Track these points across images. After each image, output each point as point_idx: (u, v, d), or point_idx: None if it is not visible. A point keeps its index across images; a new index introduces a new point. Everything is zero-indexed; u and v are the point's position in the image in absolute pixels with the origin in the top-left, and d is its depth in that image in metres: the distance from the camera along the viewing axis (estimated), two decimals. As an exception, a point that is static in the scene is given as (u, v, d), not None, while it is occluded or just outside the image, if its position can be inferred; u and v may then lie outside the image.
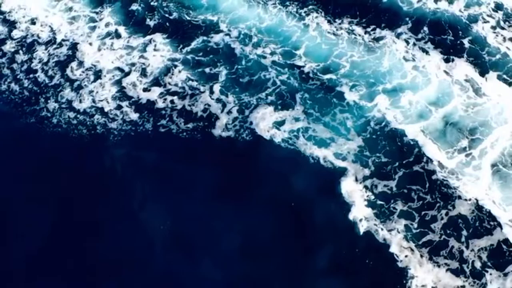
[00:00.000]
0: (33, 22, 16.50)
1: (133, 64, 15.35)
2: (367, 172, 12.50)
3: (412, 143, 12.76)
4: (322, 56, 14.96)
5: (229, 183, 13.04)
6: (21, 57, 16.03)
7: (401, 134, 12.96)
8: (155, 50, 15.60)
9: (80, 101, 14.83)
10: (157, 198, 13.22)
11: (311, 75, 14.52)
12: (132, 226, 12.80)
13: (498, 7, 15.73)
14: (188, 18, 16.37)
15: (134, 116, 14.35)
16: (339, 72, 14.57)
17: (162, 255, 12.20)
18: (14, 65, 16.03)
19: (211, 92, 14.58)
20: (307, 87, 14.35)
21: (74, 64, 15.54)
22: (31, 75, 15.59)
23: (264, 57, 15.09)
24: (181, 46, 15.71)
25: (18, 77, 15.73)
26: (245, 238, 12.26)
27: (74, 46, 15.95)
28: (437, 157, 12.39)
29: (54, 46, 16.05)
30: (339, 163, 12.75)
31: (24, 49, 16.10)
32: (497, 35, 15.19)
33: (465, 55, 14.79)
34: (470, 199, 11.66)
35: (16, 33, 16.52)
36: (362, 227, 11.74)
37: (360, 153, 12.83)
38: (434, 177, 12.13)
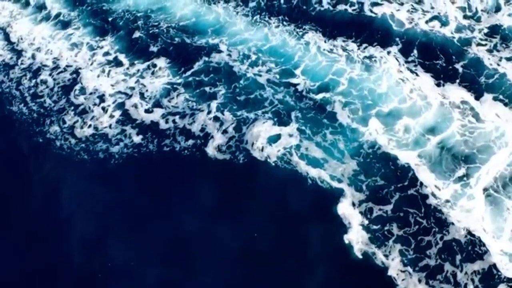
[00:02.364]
0: (38, 50, 16.76)
1: (134, 89, 15.45)
2: (362, 196, 12.21)
3: (406, 168, 12.46)
4: (320, 75, 14.80)
5: (225, 202, 12.97)
6: (28, 82, 16.21)
7: (395, 159, 12.67)
8: (156, 74, 15.70)
9: (82, 127, 14.88)
10: (156, 215, 13.30)
11: (308, 94, 14.38)
12: (133, 240, 12.95)
13: (493, 29, 15.50)
14: (190, 42, 16.40)
15: (137, 138, 14.38)
16: (336, 90, 14.35)
17: (159, 269, 12.31)
18: (22, 89, 16.21)
19: (211, 110, 14.52)
20: (303, 106, 14.18)
21: (77, 89, 15.66)
22: (38, 99, 15.75)
23: (262, 76, 15.00)
24: (182, 69, 15.77)
25: (26, 99, 15.89)
26: (240, 258, 12.15)
27: (77, 72, 16.10)
28: (432, 184, 12.08)
29: (58, 72, 16.20)
30: (335, 185, 12.51)
31: (30, 74, 16.34)
32: (492, 56, 15.43)
33: (459, 78, 14.59)
34: (463, 228, 11.39)
35: (23, 60, 16.77)
36: (359, 251, 11.41)
37: (355, 176, 12.56)
38: (429, 202, 11.76)
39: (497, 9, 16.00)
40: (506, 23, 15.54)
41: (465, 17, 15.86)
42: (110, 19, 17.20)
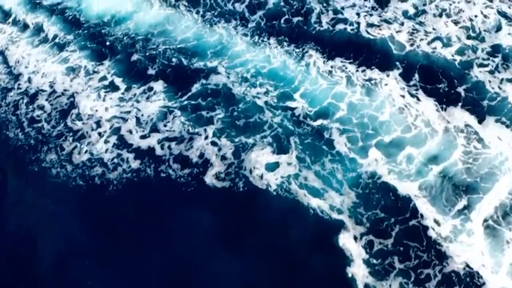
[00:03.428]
0: (35, 73, 16.59)
1: (132, 113, 15.25)
2: (363, 228, 12.02)
3: (407, 200, 12.28)
4: (319, 99, 14.64)
5: (224, 231, 12.77)
6: (24, 106, 16.09)
7: (396, 190, 12.47)
8: (153, 97, 15.50)
9: (79, 153, 14.74)
10: (154, 244, 13.16)
11: (307, 119, 14.18)
12: (128, 269, 12.77)
13: (494, 49, 15.45)
14: (189, 65, 16.22)
15: (134, 164, 14.18)
16: (336, 117, 14.16)
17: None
18: (19, 114, 16.09)
19: (208, 136, 14.34)
20: (302, 131, 14.02)
21: (74, 114, 15.51)
22: (35, 124, 15.60)
23: (261, 99, 14.81)
24: (180, 92, 15.56)
25: (23, 125, 15.75)
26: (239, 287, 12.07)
27: (74, 97, 15.94)
28: (431, 218, 11.90)
29: (55, 96, 16.07)
30: (336, 216, 12.32)
31: (27, 99, 16.19)
32: (494, 77, 15.20)
33: (462, 101, 14.42)
34: (462, 262, 11.24)
35: (20, 84, 16.63)
36: (362, 284, 11.33)
37: (355, 208, 12.38)
38: (429, 234, 11.60)
39: (498, 28, 15.90)
40: (506, 43, 15.45)
41: (468, 37, 15.72)
42: (108, 42, 17.07)
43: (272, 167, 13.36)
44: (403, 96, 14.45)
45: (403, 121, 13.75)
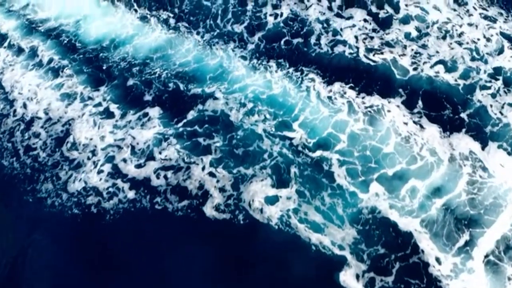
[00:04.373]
0: (30, 99, 16.32)
1: (127, 141, 14.97)
2: (364, 266, 11.78)
3: (408, 236, 12.06)
4: (320, 128, 14.37)
5: (223, 265, 12.47)
6: (20, 134, 15.85)
7: (397, 226, 12.28)
8: (149, 124, 15.21)
9: (74, 182, 14.47)
10: (152, 278, 12.85)
11: (306, 149, 13.94)
12: None
13: (496, 72, 15.27)
14: (186, 90, 15.99)
15: (129, 194, 13.93)
16: (336, 148, 13.89)
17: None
18: (15, 142, 15.85)
19: (205, 166, 14.08)
20: (302, 162, 13.77)
21: (70, 142, 15.27)
22: (30, 152, 15.36)
23: (260, 127, 14.54)
24: (176, 119, 15.27)
25: (19, 153, 15.52)
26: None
27: (69, 124, 15.68)
28: (433, 255, 11.68)
29: (51, 123, 15.80)
30: (337, 252, 12.10)
31: (23, 126, 15.93)
32: (496, 101, 15.11)
33: (465, 127, 14.18)
34: None
35: (16, 110, 16.35)
36: None
37: (355, 244, 12.13)
38: (430, 271, 11.41)
39: (500, 51, 15.68)
40: (508, 66, 15.26)
41: (472, 59, 15.44)
42: (105, 67, 16.80)
43: (271, 200, 13.14)
44: (406, 124, 14.22)
45: (408, 152, 13.55)
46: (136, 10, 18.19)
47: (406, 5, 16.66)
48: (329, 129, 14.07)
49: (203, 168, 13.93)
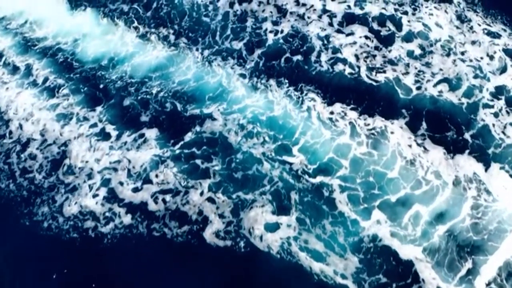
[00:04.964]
0: (26, 120, 15.99)
1: (123, 163, 14.70)
2: None
3: (410, 265, 11.88)
4: (321, 153, 14.07)
5: None
6: (15, 156, 15.55)
7: (398, 255, 12.09)
8: (145, 146, 14.91)
9: (70, 205, 14.19)
10: None
11: (306, 175, 13.65)
12: None
13: (499, 91, 15.04)
14: (184, 110, 15.62)
15: (126, 219, 13.67)
16: (338, 174, 13.62)
17: None
18: (11, 163, 15.51)
19: (204, 191, 13.80)
20: (302, 188, 13.50)
21: (66, 165, 14.97)
22: (26, 175, 15.06)
23: (259, 150, 14.25)
24: (174, 140, 14.93)
25: (15, 175, 15.17)
26: None
27: (66, 145, 15.37)
28: (435, 284, 11.53)
29: (47, 145, 15.48)
30: (339, 281, 11.94)
31: (19, 147, 15.61)
32: (499, 121, 14.87)
33: (469, 148, 13.98)
34: None
35: (12, 131, 16.02)
36: None
37: (357, 274, 11.95)
38: None
39: (503, 70, 15.47)
40: (511, 84, 15.01)
41: (475, 77, 15.18)
42: (102, 86, 16.42)
43: (272, 227, 12.93)
44: (410, 146, 13.97)
45: (413, 176, 13.33)
46: (136, 28, 17.94)
47: (409, 21, 16.40)
48: (330, 154, 13.81)
49: (202, 193, 13.68)
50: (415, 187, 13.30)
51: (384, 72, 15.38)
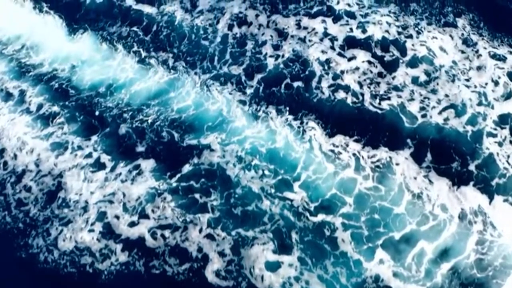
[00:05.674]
0: (20, 149, 15.54)
1: (118, 196, 14.28)
2: None
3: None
4: (323, 189, 13.66)
5: None
6: (11, 187, 15.08)
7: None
8: (142, 178, 14.47)
9: (64, 240, 13.81)
10: None
11: (308, 213, 13.27)
12: None
13: (503, 119, 14.70)
14: (181, 140, 15.14)
15: (123, 256, 13.29)
16: (341, 211, 13.27)
17: None
18: (6, 195, 15.05)
19: (203, 227, 13.43)
20: (303, 226, 13.13)
21: (60, 198, 14.53)
22: (22, 207, 14.62)
23: (258, 185, 13.82)
24: (170, 172, 14.48)
25: (10, 207, 14.73)
26: None
27: (61, 176, 14.94)
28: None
29: (41, 175, 15.04)
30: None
31: (14, 178, 15.17)
32: (503, 151, 14.48)
33: (473, 180, 13.64)
34: None
35: (7, 161, 15.56)
36: None
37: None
38: None
39: (508, 96, 15.14)
40: (515, 112, 14.80)
41: (479, 104, 14.81)
42: (98, 114, 15.89)
43: (273, 266, 12.60)
44: (415, 178, 13.64)
45: (419, 211, 13.01)
46: (136, 52, 17.45)
47: (413, 45, 15.96)
48: (333, 190, 13.46)
49: (201, 230, 13.34)
50: (421, 223, 13.02)
51: (389, 99, 15.06)
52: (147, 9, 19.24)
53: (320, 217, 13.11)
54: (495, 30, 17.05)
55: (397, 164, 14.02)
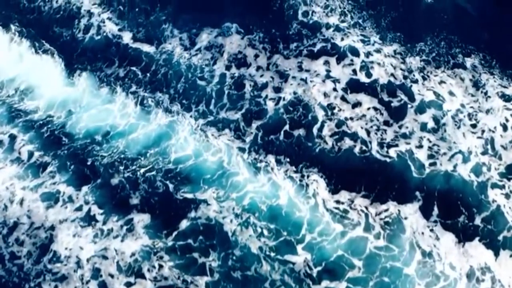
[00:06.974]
0: (11, 201, 14.78)
1: (112, 252, 13.60)
2: None
3: None
4: (329, 251, 13.00)
5: None
6: (3, 240, 14.27)
7: None
8: (136, 234, 13.77)
9: (60, 301, 13.56)
10: None
11: (310, 280, 12.60)
12: None
13: (510, 170, 14.12)
14: (178, 194, 14.32)
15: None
16: (348, 274, 12.65)
17: None
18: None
19: (202, 290, 13.14)
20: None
21: (52, 252, 13.86)
22: (15, 261, 13.90)
23: (258, 246, 13.16)
24: (166, 231, 13.75)
25: (4, 260, 13.99)
26: None
27: (53, 228, 14.27)
28: None
29: (34, 228, 14.34)
30: None
31: (6, 230, 14.40)
32: (509, 202, 13.82)
33: (479, 234, 13.17)
34: None
35: (-3, 212, 15.32)
36: None
37: None
38: None
39: (514, 144, 14.54)
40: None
41: (483, 153, 14.15)
42: (91, 163, 15.07)
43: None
44: (423, 234, 13.05)
45: (429, 271, 12.49)
46: (134, 93, 16.58)
47: (419, 90, 15.16)
48: (339, 251, 12.82)
49: (201, 293, 12.86)
50: (431, 284, 12.52)
51: (397, 146, 14.39)
52: (146, 47, 18.07)
53: (324, 284, 12.49)
54: (506, 67, 16.30)
55: (405, 218, 13.43)
